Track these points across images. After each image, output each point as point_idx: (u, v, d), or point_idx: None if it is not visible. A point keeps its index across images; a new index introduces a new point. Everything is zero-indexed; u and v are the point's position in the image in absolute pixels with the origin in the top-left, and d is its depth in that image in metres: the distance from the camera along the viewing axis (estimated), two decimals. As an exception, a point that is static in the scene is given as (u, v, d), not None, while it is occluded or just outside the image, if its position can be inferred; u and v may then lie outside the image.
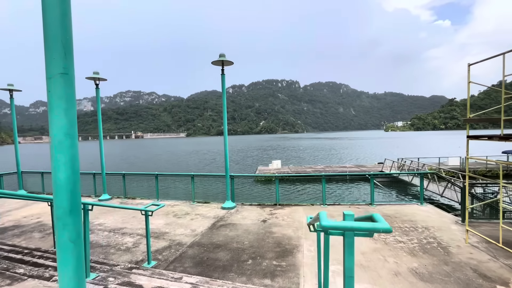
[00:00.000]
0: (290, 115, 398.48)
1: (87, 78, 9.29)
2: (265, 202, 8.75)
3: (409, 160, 19.55)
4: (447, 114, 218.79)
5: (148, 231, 4.65)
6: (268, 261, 4.79)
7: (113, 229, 6.66)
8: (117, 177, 10.42)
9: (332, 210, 7.72)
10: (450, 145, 57.54)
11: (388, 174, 11.72)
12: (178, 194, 9.78)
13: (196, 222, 7.01)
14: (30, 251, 4.98)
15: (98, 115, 9.94)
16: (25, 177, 11.65)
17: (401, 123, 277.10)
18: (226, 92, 8.87)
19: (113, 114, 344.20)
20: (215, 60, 7.71)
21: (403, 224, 6.37)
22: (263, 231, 6.23)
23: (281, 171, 22.64)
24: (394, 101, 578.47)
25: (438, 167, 19.05)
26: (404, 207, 7.71)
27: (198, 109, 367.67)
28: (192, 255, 5.10)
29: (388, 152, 44.37)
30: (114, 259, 4.99)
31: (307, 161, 35.35)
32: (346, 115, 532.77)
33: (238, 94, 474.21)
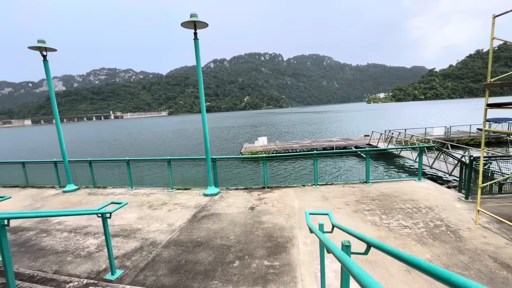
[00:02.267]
0: (274, 90, 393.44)
1: (29, 47, 7.62)
2: (252, 186, 7.95)
3: (396, 131, 19.33)
4: (427, 85, 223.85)
5: (108, 237, 3.70)
6: (258, 261, 4.04)
7: (74, 228, 5.66)
8: (84, 164, 9.17)
9: (326, 191, 7.05)
10: (431, 115, 59.07)
11: (384, 150, 11.18)
12: (155, 181, 8.77)
13: (174, 214, 6.13)
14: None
15: (51, 94, 8.41)
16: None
17: (383, 94, 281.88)
18: (207, 67, 7.68)
19: (88, 93, 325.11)
20: (185, 21, 6.35)
21: (405, 205, 5.81)
22: (251, 221, 5.46)
23: (267, 148, 21.94)
24: (377, 72, 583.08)
25: (424, 138, 19.01)
26: (402, 184, 7.19)
27: (179, 86, 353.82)
28: (167, 258, 4.26)
29: (371, 124, 44.74)
30: (69, 270, 4.06)
31: (294, 136, 34.85)
32: (329, 88, 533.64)
33: (220, 69, 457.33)
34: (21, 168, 9.69)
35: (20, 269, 4.01)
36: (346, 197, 6.54)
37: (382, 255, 3.85)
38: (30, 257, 4.55)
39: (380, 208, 5.73)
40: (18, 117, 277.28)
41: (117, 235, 5.20)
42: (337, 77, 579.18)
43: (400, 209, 5.62)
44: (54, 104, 8.43)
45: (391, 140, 17.88)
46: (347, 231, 2.25)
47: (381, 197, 6.37)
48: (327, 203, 6.21)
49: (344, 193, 6.84)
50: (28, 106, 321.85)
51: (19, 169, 9.78)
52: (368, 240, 1.58)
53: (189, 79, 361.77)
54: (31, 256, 4.58)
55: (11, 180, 10.05)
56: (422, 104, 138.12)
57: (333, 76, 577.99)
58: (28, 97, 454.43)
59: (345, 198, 6.48)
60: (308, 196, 6.72)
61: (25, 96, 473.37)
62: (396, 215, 5.34)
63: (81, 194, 8.35)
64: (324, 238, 1.90)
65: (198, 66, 6.74)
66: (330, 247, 1.53)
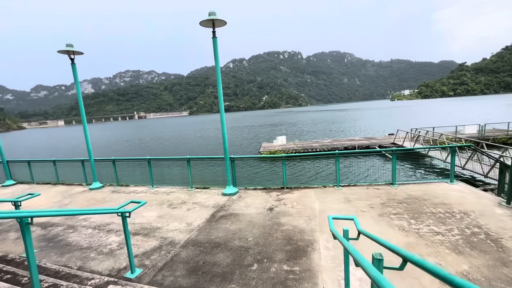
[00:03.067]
0: (293, 88, 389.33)
1: (59, 52, 8.00)
2: (271, 186, 7.79)
3: (423, 130, 18.24)
4: (457, 80, 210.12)
5: (128, 235, 3.73)
6: (278, 265, 3.89)
7: (98, 225, 5.83)
8: (108, 163, 9.51)
9: (348, 193, 6.73)
10: (461, 112, 55.34)
11: (411, 150, 10.53)
12: (175, 180, 8.88)
13: (193, 214, 6.13)
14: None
15: (78, 97, 8.79)
16: (12, 167, 10.85)
17: (408, 91, 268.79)
18: (226, 67, 7.63)
19: (114, 95, 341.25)
20: (204, 19, 6.31)
21: (436, 209, 5.37)
22: (270, 223, 5.32)
23: (286, 147, 21.65)
24: (401, 68, 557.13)
25: (455, 136, 17.78)
26: (432, 187, 6.68)
27: (199, 86, 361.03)
28: (185, 259, 4.23)
29: (396, 122, 42.77)
30: (92, 267, 4.15)
31: (314, 136, 34.16)
32: (350, 85, 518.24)
33: (239, 68, 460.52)
34: (53, 166, 10.26)
35: (48, 264, 4.17)
36: (371, 199, 6.19)
37: (413, 264, 3.54)
38: (57, 252, 4.73)
39: (408, 212, 5.35)
40: (53, 118, 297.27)
41: (137, 233, 5.28)
42: (358, 74, 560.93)
43: (431, 213, 5.20)
44: (81, 106, 8.81)
45: (418, 139, 16.89)
46: (376, 240, 2.04)
47: (409, 200, 5.96)
48: (350, 205, 5.91)
49: (368, 195, 6.49)
50: (61, 107, 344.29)
51: (51, 166, 10.37)
52: (404, 255, 1.38)
53: (209, 79, 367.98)
54: (58, 251, 4.77)
55: (45, 177, 10.68)
56: (451, 101, 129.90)
57: (355, 73, 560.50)
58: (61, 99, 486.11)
59: (369, 200, 6.13)
60: (330, 198, 6.45)
61: (59, 98, 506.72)
62: (426, 220, 4.94)
63: (105, 191, 8.66)
64: (351, 248, 1.71)
65: (216, 65, 6.70)
66: (359, 260, 1.35)
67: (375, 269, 1.18)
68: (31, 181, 10.64)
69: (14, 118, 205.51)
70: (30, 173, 10.61)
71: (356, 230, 2.68)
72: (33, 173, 10.61)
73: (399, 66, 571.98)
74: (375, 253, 1.53)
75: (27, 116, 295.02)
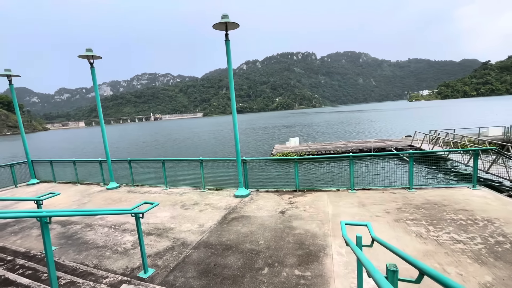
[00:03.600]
0: (307, 89, 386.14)
1: (79, 56, 8.34)
2: (283, 188, 7.73)
3: (443, 132, 17.50)
4: (480, 79, 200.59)
5: (141, 236, 3.80)
6: (289, 269, 3.83)
7: (114, 224, 6.00)
8: (124, 163, 9.78)
9: (363, 197, 6.55)
10: (485, 113, 52.70)
11: (430, 153, 10.11)
12: (188, 180, 9.01)
13: (205, 215, 6.18)
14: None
15: (96, 99, 9.11)
16: (36, 166, 11.40)
17: (427, 91, 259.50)
18: (240, 69, 7.68)
19: (132, 97, 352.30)
20: (217, 22, 6.38)
21: (457, 215, 5.12)
22: (281, 226, 5.26)
23: (299, 149, 21.45)
24: (419, 68, 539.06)
25: (477, 139, 16.94)
26: (452, 192, 6.38)
27: (213, 88, 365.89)
28: (197, 260, 4.26)
29: (414, 124, 41.36)
30: (107, 265, 4.27)
31: (327, 137, 33.66)
32: (366, 86, 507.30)
33: (252, 70, 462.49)
34: (73, 166, 10.69)
35: (66, 261, 4.33)
36: (386, 204, 6.00)
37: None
38: (75, 250, 4.90)
39: (426, 218, 5.13)
40: (74, 119, 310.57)
41: (150, 233, 5.38)
42: (374, 74, 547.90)
43: (451, 220, 4.96)
44: (99, 108, 9.13)
45: (437, 142, 16.22)
46: (391, 249, 1.95)
47: (427, 206, 5.71)
48: (364, 210, 5.75)
49: (383, 199, 6.28)
50: (82, 109, 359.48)
51: (71, 166, 10.81)
52: (421, 267, 1.31)
53: (222, 81, 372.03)
54: (76, 249, 4.94)
55: (65, 176, 11.15)
56: (473, 101, 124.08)
57: (370, 73, 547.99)
58: (82, 101, 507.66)
59: (385, 205, 5.94)
60: (343, 202, 6.31)
61: (80, 101, 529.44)
62: (446, 227, 4.71)
63: (121, 191, 8.91)
64: (363, 258, 1.65)
65: (229, 67, 6.74)
66: (371, 271, 1.29)
67: (388, 283, 1.12)
68: (53, 180, 11.13)
69: (39, 120, 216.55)
70: (52, 173, 11.10)
71: (370, 237, 2.58)
72: (55, 172, 11.09)
73: (417, 65, 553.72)
74: (389, 264, 1.46)
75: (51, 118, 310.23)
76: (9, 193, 9.94)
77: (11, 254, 4.55)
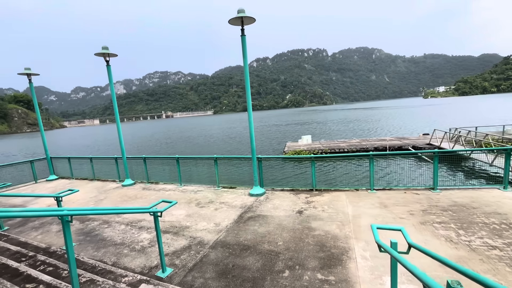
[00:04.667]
0: (318, 86, 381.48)
1: (96, 54, 8.41)
2: (299, 187, 7.54)
3: (464, 130, 16.75)
4: (501, 75, 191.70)
5: (159, 235, 3.74)
6: (311, 273, 3.68)
7: (130, 221, 6.01)
8: (139, 160, 9.85)
9: (384, 197, 6.28)
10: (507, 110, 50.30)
11: (453, 152, 9.59)
12: (202, 178, 8.97)
13: (221, 214, 6.09)
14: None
15: (112, 96, 9.19)
16: (54, 163, 11.69)
17: (443, 88, 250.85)
18: (250, 66, 7.52)
19: (144, 95, 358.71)
20: (233, 17, 6.23)
21: (489, 219, 4.80)
22: (300, 227, 5.10)
23: (311, 147, 21.11)
24: (435, 63, 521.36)
25: (502, 137, 16.13)
26: (480, 193, 6.01)
27: (223, 86, 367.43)
28: (215, 260, 4.17)
29: (430, 122, 40.00)
30: (125, 263, 4.25)
31: (341, 135, 33.05)
32: (379, 82, 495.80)
33: (262, 67, 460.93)
34: (89, 162, 10.88)
35: (85, 258, 4.34)
36: (410, 205, 5.72)
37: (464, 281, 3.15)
38: (94, 247, 4.92)
39: (455, 221, 4.83)
40: (89, 117, 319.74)
41: (167, 231, 5.35)
42: (388, 70, 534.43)
43: (483, 224, 4.65)
44: (115, 105, 9.21)
45: (458, 140, 15.54)
46: (439, 259, 1.76)
47: (454, 208, 5.40)
48: (386, 211, 5.50)
49: (406, 200, 6.00)
50: (97, 107, 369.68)
51: (88, 163, 11.00)
52: (488, 283, 1.12)
53: (232, 79, 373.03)
54: (94, 246, 4.96)
55: (82, 173, 11.37)
56: (494, 98, 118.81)
57: (383, 70, 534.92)
58: (96, 100, 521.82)
59: (408, 206, 5.66)
60: (363, 202, 6.07)
61: (95, 99, 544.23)
62: (478, 231, 4.42)
63: (136, 188, 8.98)
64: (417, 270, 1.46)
65: (245, 63, 6.59)
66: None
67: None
68: (71, 176, 11.38)
69: (57, 118, 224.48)
70: (70, 169, 11.36)
71: (406, 243, 2.39)
72: (72, 169, 11.33)
73: (433, 61, 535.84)
74: (451, 280, 1.28)
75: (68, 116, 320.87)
76: (29, 188, 10.23)
77: (32, 249, 4.61)
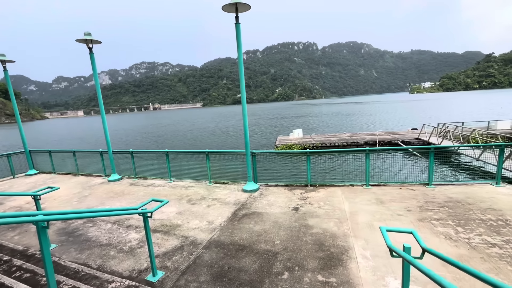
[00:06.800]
0: (307, 80, 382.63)
1: (77, 40, 7.81)
2: (293, 183, 7.39)
3: (452, 125, 17.09)
4: (483, 72, 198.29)
5: (149, 237, 3.46)
6: (311, 274, 3.51)
7: (118, 220, 5.67)
8: (126, 154, 9.40)
9: (380, 193, 6.22)
10: (489, 106, 52.15)
11: (446, 148, 9.69)
12: (193, 173, 8.65)
13: (214, 211, 5.85)
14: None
15: (96, 86, 8.64)
16: (34, 157, 11.01)
17: (429, 84, 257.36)
18: None
19: (130, 86, 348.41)
20: (226, 3, 5.86)
21: (485, 215, 4.79)
22: (297, 225, 4.93)
23: (303, 141, 21.07)
24: (422, 59, 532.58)
25: (487, 132, 16.57)
26: (474, 189, 6.04)
27: (212, 78, 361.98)
28: (209, 262, 3.94)
29: (417, 116, 40.90)
30: (112, 267, 3.94)
31: (331, 128, 33.23)
32: (367, 77, 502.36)
33: (252, 60, 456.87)
34: (73, 156, 10.30)
35: (67, 262, 4.01)
36: (406, 201, 5.66)
37: (466, 280, 3.07)
38: (77, 248, 4.58)
39: (452, 217, 4.80)
40: (73, 108, 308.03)
41: (157, 230, 5.06)
42: (376, 65, 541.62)
43: (480, 220, 4.63)
44: (99, 95, 8.67)
45: (446, 135, 15.83)
46: (459, 266, 1.60)
47: (450, 204, 5.38)
48: (383, 207, 5.41)
49: (402, 196, 5.95)
50: (81, 98, 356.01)
51: (71, 157, 10.42)
52: None
53: (222, 71, 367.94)
54: (78, 247, 4.62)
55: (65, 167, 10.77)
56: (476, 94, 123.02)
57: (372, 65, 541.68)
58: (80, 90, 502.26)
59: (404, 202, 5.61)
60: (359, 198, 5.97)
61: (78, 89, 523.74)
62: (476, 228, 4.39)
63: (123, 184, 8.57)
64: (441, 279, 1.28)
65: (239, 52, 6.25)
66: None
67: None
68: (52, 171, 10.77)
69: (38, 109, 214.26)
70: (51, 163, 10.73)
71: (420, 247, 2.23)
72: (54, 163, 10.72)
73: (420, 57, 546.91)
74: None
75: (49, 107, 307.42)
76: (7, 183, 9.60)
77: (8, 253, 4.23)
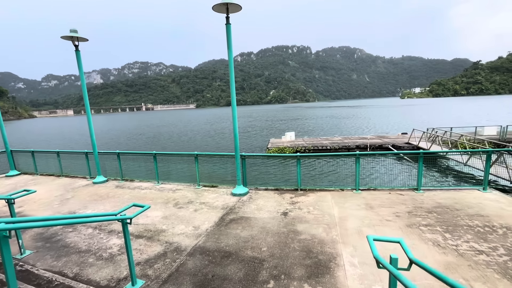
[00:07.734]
0: (301, 83, 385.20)
1: (62, 37, 7.56)
2: (283, 186, 7.29)
3: (441, 130, 17.38)
4: (470, 79, 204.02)
5: (128, 244, 3.29)
6: (297, 283, 3.40)
7: (99, 224, 5.44)
8: (113, 156, 9.12)
9: (369, 198, 6.18)
10: (476, 112, 53.53)
11: (435, 153, 9.77)
12: (182, 176, 8.44)
13: (201, 215, 5.68)
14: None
15: (82, 85, 8.39)
16: (16, 157, 10.59)
17: (419, 89, 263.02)
18: (234, 60, 7.06)
19: (123, 86, 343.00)
20: (217, 3, 5.75)
21: (472, 221, 4.79)
22: (285, 230, 4.82)
23: (295, 144, 21.05)
24: (412, 65, 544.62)
25: (474, 138, 16.90)
26: (462, 194, 6.07)
27: (206, 79, 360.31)
28: (193, 270, 3.78)
29: (408, 121, 41.59)
30: (89, 275, 3.74)
31: (323, 132, 33.40)
32: (359, 82, 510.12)
33: (246, 62, 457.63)
34: (56, 157, 9.94)
35: (41, 270, 3.78)
36: (395, 206, 5.63)
37: None
38: (54, 255, 4.34)
39: (440, 223, 4.78)
40: (62, 107, 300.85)
41: (140, 235, 4.86)
42: (368, 70, 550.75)
43: (468, 226, 4.62)
44: (85, 95, 8.41)
45: (435, 140, 16.07)
46: (442, 278, 1.51)
47: (438, 209, 5.37)
48: (373, 213, 5.36)
49: (391, 201, 5.92)
50: (71, 97, 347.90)
51: (54, 158, 10.05)
52: None
53: (216, 73, 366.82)
54: (54, 254, 4.38)
55: (48, 168, 10.38)
56: (463, 100, 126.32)
57: (364, 70, 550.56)
58: (71, 89, 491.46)
59: (393, 207, 5.57)
60: (349, 203, 5.91)
61: (69, 88, 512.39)
62: (463, 234, 4.37)
63: (109, 186, 8.29)
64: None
65: (229, 54, 6.14)
66: None
67: None
68: (35, 172, 10.38)
69: (26, 107, 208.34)
70: (34, 164, 10.34)
71: (408, 258, 2.14)
72: (37, 164, 10.33)
73: (410, 63, 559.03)
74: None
75: (38, 105, 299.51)
76: (-15, 185, 9.16)
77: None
